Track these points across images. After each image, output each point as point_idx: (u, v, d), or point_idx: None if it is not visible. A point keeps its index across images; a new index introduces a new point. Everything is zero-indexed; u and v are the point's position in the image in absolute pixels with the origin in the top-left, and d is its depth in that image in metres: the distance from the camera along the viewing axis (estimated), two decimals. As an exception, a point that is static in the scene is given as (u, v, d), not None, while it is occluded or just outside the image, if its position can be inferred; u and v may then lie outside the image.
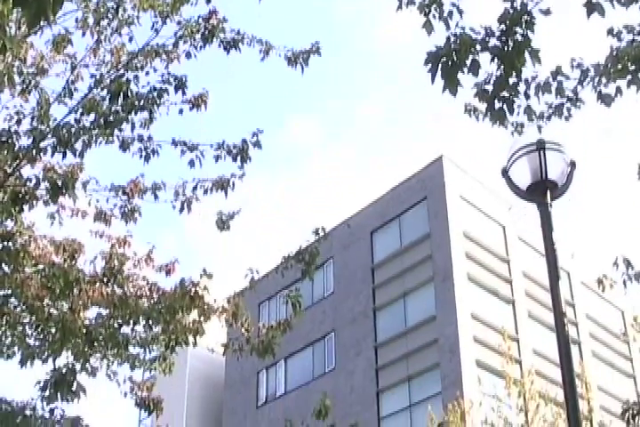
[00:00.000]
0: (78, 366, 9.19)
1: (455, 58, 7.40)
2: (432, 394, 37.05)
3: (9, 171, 8.93)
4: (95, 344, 9.22)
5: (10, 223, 9.38)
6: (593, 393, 24.96)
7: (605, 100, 9.80)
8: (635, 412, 10.30)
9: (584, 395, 22.34)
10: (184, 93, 9.78)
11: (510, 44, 7.69)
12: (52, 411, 8.67)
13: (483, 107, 8.80)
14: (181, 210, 10.18)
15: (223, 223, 10.46)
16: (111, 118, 9.08)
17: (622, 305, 47.78)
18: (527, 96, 9.19)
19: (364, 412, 40.76)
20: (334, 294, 46.38)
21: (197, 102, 9.97)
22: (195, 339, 9.98)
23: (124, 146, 9.64)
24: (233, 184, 10.12)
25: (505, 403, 23.23)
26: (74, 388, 8.63)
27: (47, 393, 8.49)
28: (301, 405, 42.14)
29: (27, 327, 9.16)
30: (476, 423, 23.28)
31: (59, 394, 8.45)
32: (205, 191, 10.15)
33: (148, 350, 10.08)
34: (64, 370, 8.66)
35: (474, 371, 36.25)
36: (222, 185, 10.09)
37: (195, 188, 10.17)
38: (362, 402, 41.49)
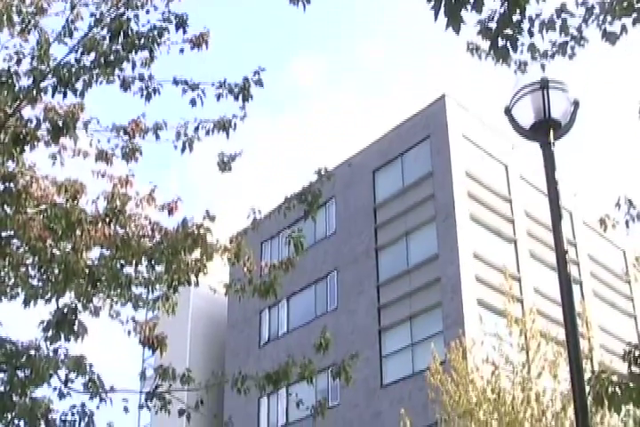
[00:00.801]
0: (81, 306, 9.23)
1: (459, -6, 7.29)
2: (434, 333, 37.28)
3: (9, 112, 8.87)
4: (98, 284, 9.24)
5: (11, 164, 9.35)
6: (594, 332, 25.14)
7: (610, 38, 9.70)
8: (637, 355, 10.31)
9: (585, 334, 22.50)
10: (185, 32, 9.68)
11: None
12: (55, 351, 8.73)
13: (486, 45, 8.70)
14: (183, 150, 10.14)
15: (225, 164, 10.43)
16: (111, 57, 9.00)
17: (624, 245, 47.91)
18: (531, 34, 9.10)
19: (366, 351, 41.03)
20: (336, 233, 46.46)
21: (198, 42, 9.87)
22: (197, 278, 10.00)
23: (125, 85, 9.56)
24: (235, 125, 10.06)
25: (506, 342, 23.37)
26: (75, 327, 8.67)
27: (50, 333, 8.54)
28: (303, 344, 42.35)
29: (30, 268, 9.18)
30: (477, 362, 23.43)
31: (61, 334, 8.50)
32: (207, 132, 10.09)
33: (150, 289, 10.11)
34: (65, 310, 8.69)
35: (475, 310, 36.43)
36: (224, 126, 10.03)
37: (196, 128, 10.11)
38: (364, 341, 41.75)
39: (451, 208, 39.55)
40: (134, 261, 9.66)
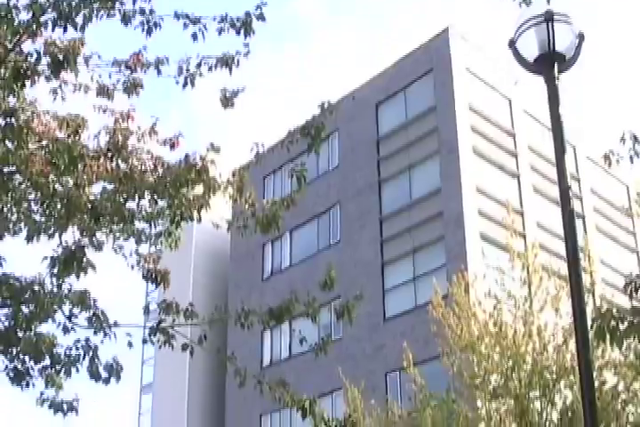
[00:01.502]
0: (84, 241, 9.24)
1: None
2: (436, 267, 37.47)
3: (9, 46, 8.78)
4: (101, 219, 9.23)
5: (12, 100, 9.28)
6: (596, 267, 25.16)
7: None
8: (637, 285, 10.35)
9: (587, 268, 22.54)
10: (185, -34, 9.54)
11: None
12: (59, 286, 8.76)
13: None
14: (184, 85, 10.05)
15: (227, 100, 10.34)
16: (112, -9, 8.88)
17: (627, 180, 47.90)
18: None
19: (369, 284, 41.27)
20: (339, 167, 46.41)
21: (199, -26, 9.74)
22: (199, 214, 9.99)
23: (126, 20, 9.43)
24: (237, 61, 9.95)
25: (508, 276, 23.44)
26: (83, 264, 8.69)
27: (56, 270, 8.56)
28: (306, 277, 42.63)
29: (32, 204, 9.17)
30: (479, 296, 23.54)
31: (68, 271, 8.52)
32: (210, 68, 9.99)
33: (153, 224, 10.10)
34: (73, 247, 8.70)
35: (478, 244, 36.56)
36: (226, 62, 9.92)
37: (199, 64, 10.01)
38: (366, 275, 41.98)
39: (454, 142, 39.44)
40: (137, 196, 9.64)
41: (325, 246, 45.98)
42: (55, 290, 8.74)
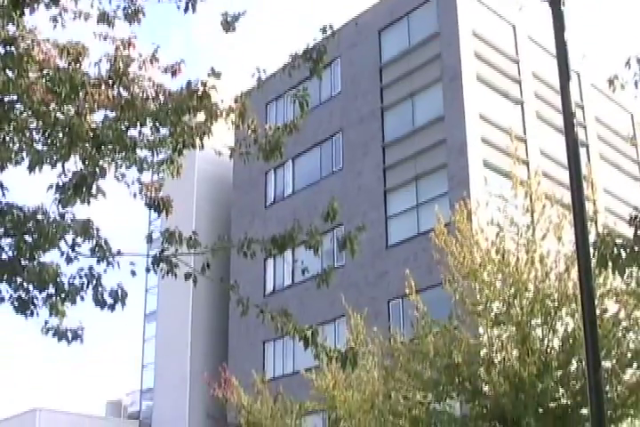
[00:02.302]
0: (87, 170, 9.19)
1: None
2: (439, 194, 37.49)
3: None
4: (103, 148, 9.18)
5: (11, 28, 9.16)
6: (599, 195, 25.13)
7: None
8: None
9: (590, 197, 22.50)
10: None
11: None
12: (62, 215, 8.74)
13: None
14: (186, 10, 9.91)
15: (228, 24, 10.21)
16: None
17: (632, 108, 47.61)
18: None
19: (372, 211, 41.37)
20: (342, 93, 46.14)
21: None
22: (202, 142, 9.93)
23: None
24: (239, -16, 9.81)
25: (511, 204, 23.41)
26: (93, 191, 8.66)
27: (66, 195, 8.52)
28: (309, 204, 42.75)
29: (34, 133, 9.10)
30: (482, 223, 23.54)
31: (77, 196, 8.48)
32: (212, -8, 9.85)
33: (155, 152, 10.05)
34: (85, 172, 8.66)
35: (481, 171, 36.51)
36: (228, -15, 9.79)
37: (201, -13, 9.85)
38: (369, 202, 42.03)
39: (457, 69, 39.13)
40: (138, 124, 9.58)
41: (328, 174, 45.96)
42: (58, 219, 8.72)
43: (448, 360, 21.75)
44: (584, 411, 20.21)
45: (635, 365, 21.19)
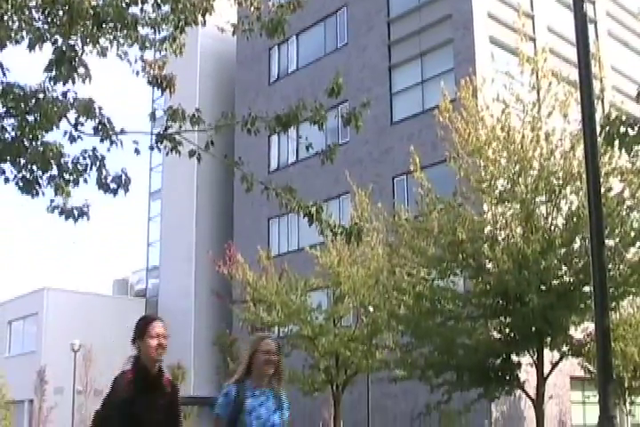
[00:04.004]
0: (90, 48, 9.05)
1: None
2: (444, 70, 37.13)
3: None
4: (104, 26, 9.00)
5: None
6: (606, 73, 24.85)
7: None
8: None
9: (597, 74, 22.25)
10: None
11: None
12: (64, 94, 8.63)
13: None
14: None
15: None
16: None
17: (642, -18, 46.64)
18: None
19: (376, 88, 41.07)
20: (346, -32, 45.26)
21: None
22: (204, 18, 9.74)
23: None
24: None
25: (517, 81, 23.21)
26: (75, 64, 8.49)
27: (52, 73, 8.39)
28: (313, 81, 42.44)
29: (33, 11, 8.90)
30: (487, 100, 23.38)
31: (62, 72, 8.32)
32: None
33: (157, 30, 9.87)
34: (64, 48, 8.48)
35: (487, 48, 36.05)
36: None
37: None
38: (374, 78, 41.70)
39: (465, -58, 38.22)
40: (139, 1, 9.36)
41: (332, 50, 45.47)
42: (60, 98, 8.62)
43: (452, 237, 21.91)
44: (586, 289, 20.44)
45: (638, 244, 21.34)
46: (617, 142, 9.90)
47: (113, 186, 8.65)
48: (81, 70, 8.45)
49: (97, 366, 45.53)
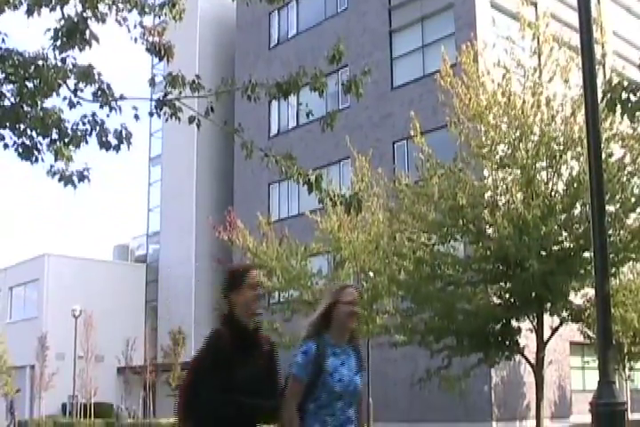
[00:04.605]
0: (87, 13, 8.98)
1: None
2: (445, 35, 36.92)
3: None
4: (103, -10, 8.94)
5: None
6: (608, 38, 24.74)
7: None
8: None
9: (598, 40, 22.13)
10: None
11: None
12: (63, 60, 8.58)
13: None
14: None
15: None
16: None
17: (645, -56, 46.27)
18: None
19: (377, 52, 40.88)
20: None
21: None
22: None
23: None
24: None
25: (518, 46, 23.10)
26: (86, 36, 8.47)
27: (59, 42, 8.35)
28: (313, 46, 42.23)
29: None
30: (488, 65, 23.28)
31: (70, 43, 8.31)
32: None
33: (157, -5, 9.80)
34: (76, 19, 8.45)
35: (488, 12, 35.84)
36: None
37: None
38: (374, 43, 41.48)
39: None
40: (139, -36, 9.29)
41: (332, 14, 45.21)
42: (59, 64, 8.57)
43: (452, 202, 21.90)
44: (586, 254, 20.48)
45: (638, 209, 21.35)
46: (619, 108, 9.85)
47: (114, 142, 8.62)
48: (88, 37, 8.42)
49: (97, 332, 45.74)
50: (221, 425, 5.70)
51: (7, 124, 8.45)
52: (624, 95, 9.73)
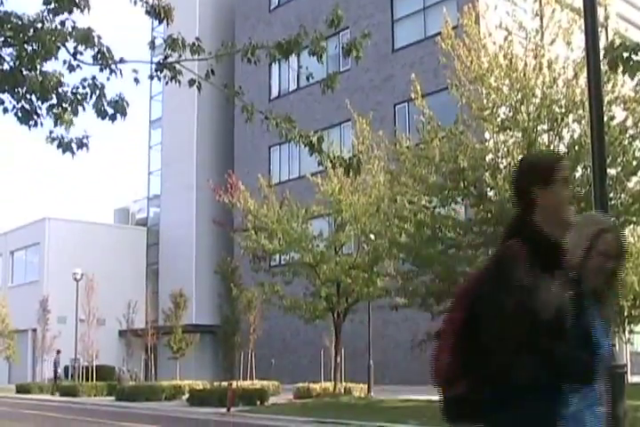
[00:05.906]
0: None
1: None
2: (446, 4, 36.65)
3: None
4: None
5: None
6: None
7: None
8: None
9: (601, 2, 21.90)
10: None
11: None
12: (62, 23, 8.52)
13: None
14: None
15: None
16: None
17: None
18: None
19: (378, 14, 40.66)
20: None
21: None
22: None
23: None
24: None
25: (520, 7, 22.95)
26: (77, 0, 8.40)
27: (52, 5, 8.29)
28: (315, 7, 41.95)
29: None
30: (490, 27, 23.15)
31: (62, 6, 8.24)
32: None
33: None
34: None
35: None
36: None
37: None
38: (375, 4, 41.26)
39: None
40: None
41: (333, -25, 44.84)
42: (59, 28, 8.50)
43: (453, 165, 21.88)
44: (588, 217, 20.44)
45: (639, 173, 21.31)
46: (620, 67, 9.83)
47: (110, 111, 8.58)
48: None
49: (99, 295, 45.83)
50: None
51: (6, 87, 8.40)
52: (625, 54, 9.69)
